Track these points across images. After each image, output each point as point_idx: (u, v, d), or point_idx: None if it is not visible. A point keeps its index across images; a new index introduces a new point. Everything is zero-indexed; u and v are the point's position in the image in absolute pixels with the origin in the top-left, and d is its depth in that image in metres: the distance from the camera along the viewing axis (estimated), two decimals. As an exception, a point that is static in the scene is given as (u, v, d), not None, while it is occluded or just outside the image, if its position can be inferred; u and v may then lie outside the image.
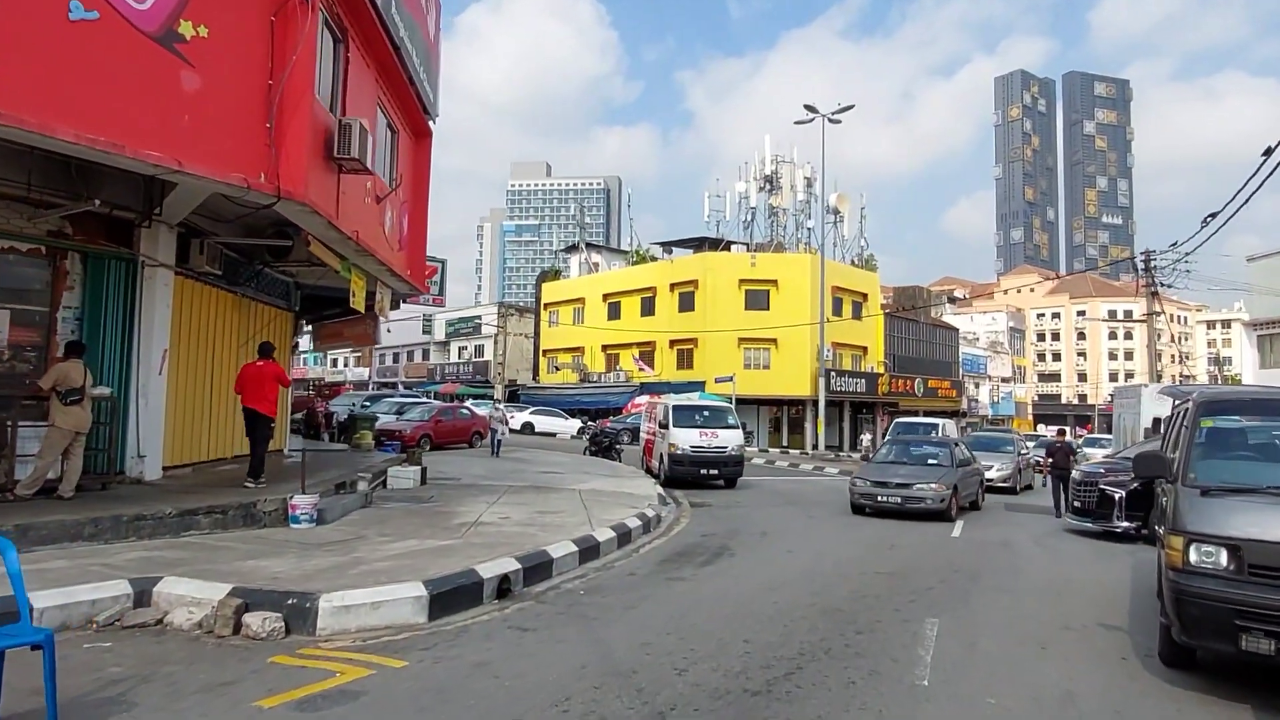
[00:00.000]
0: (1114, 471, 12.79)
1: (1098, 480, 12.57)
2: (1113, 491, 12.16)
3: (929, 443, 16.33)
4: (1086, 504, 12.56)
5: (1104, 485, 12.36)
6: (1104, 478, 12.58)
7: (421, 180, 16.47)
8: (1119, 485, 12.16)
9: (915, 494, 13.24)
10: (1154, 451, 5.71)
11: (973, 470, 15.54)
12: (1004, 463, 19.59)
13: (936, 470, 14.10)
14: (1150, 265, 25.40)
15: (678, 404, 18.98)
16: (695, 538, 10.91)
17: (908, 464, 14.66)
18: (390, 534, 8.88)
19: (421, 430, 24.38)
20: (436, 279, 18.07)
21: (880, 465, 14.98)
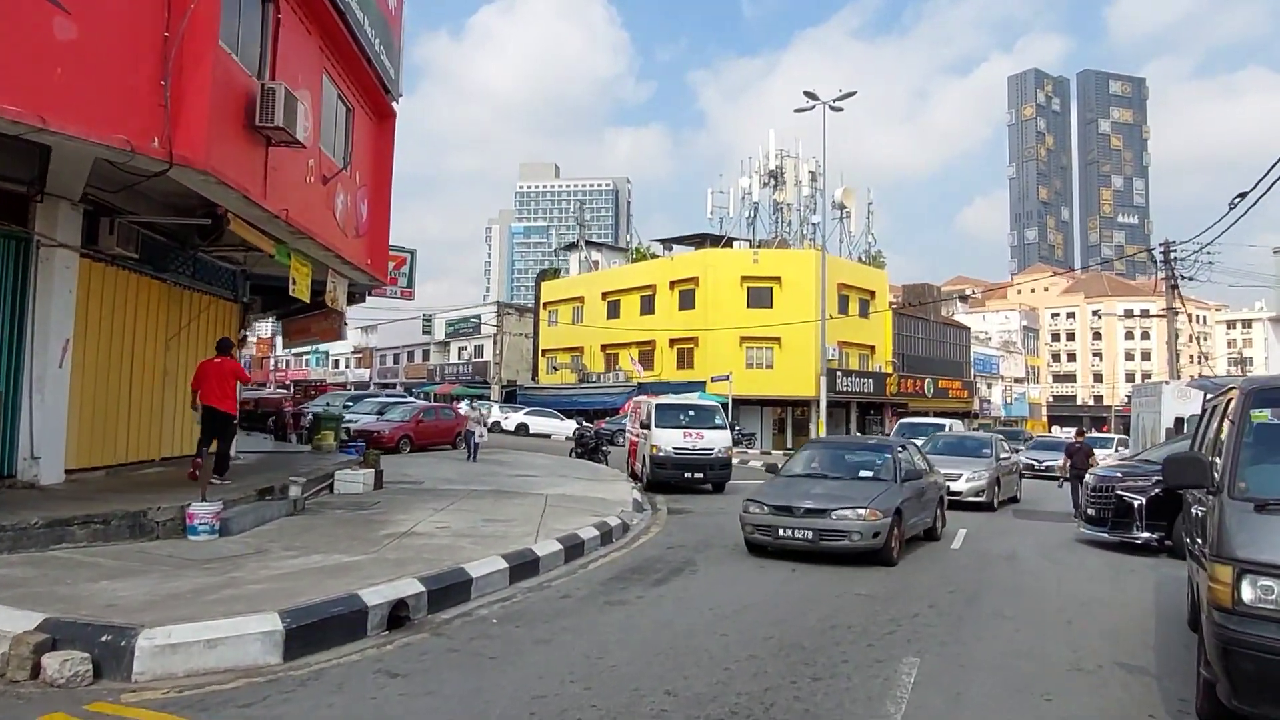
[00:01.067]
0: (1132, 476, 11.46)
1: (1114, 485, 11.23)
2: (1131, 498, 10.84)
3: (863, 447, 12.06)
4: (1102, 512, 11.23)
5: (1121, 491, 11.04)
6: (1121, 482, 11.25)
7: (384, 164, 15.37)
8: (1138, 491, 10.84)
9: (834, 525, 8.64)
10: (1189, 454, 4.45)
11: (928, 485, 11.00)
12: (976, 471, 15.03)
13: (869, 488, 9.42)
14: (1170, 257, 24.00)
15: (661, 403, 17.79)
16: (659, 550, 9.72)
17: (831, 478, 10.10)
18: (298, 548, 7.73)
19: (401, 431, 23.31)
20: (405, 270, 16.98)
21: (789, 482, 10.16)
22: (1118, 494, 11.08)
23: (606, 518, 10.82)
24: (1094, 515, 11.43)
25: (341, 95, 13.27)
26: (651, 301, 45.42)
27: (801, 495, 9.26)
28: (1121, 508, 10.95)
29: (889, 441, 11.94)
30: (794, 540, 8.89)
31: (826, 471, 10.47)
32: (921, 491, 10.48)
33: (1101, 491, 11.39)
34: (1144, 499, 10.69)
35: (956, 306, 67.81)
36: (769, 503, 9.26)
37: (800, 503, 9.04)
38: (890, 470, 10.08)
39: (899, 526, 9.15)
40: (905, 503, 9.40)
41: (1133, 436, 22.47)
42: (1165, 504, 10.34)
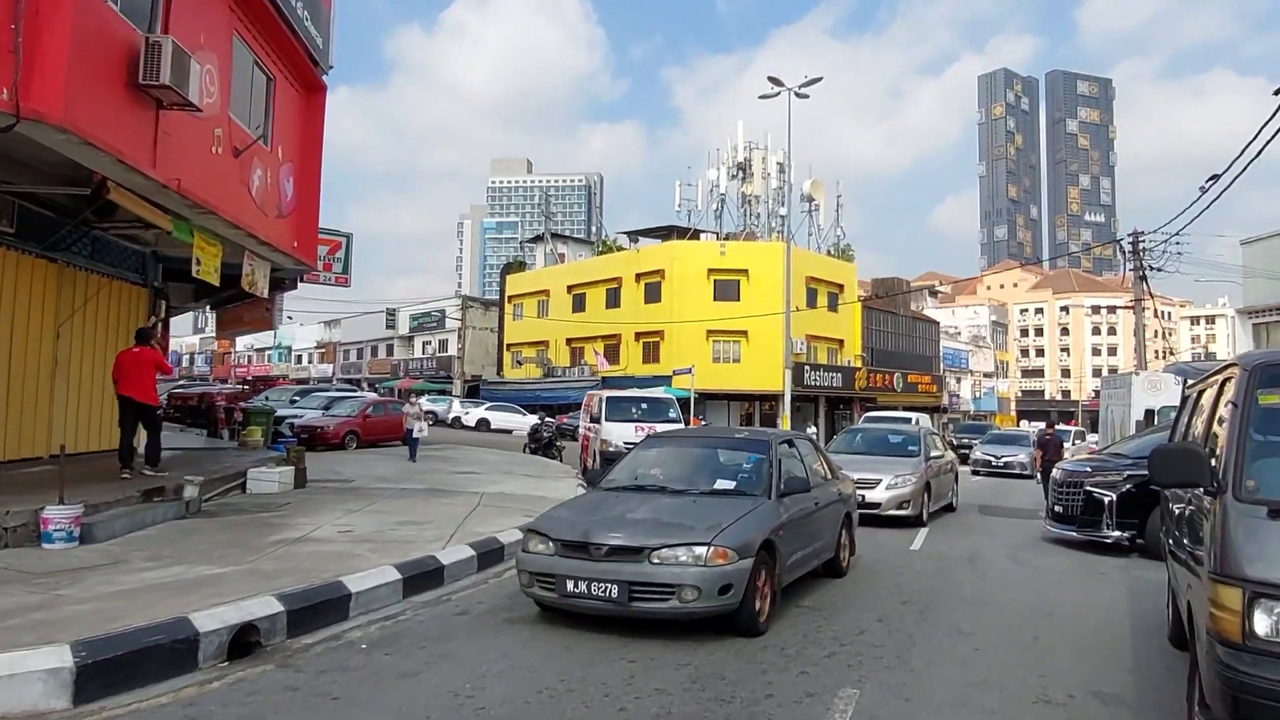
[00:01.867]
0: (1102, 470, 10.75)
1: (1083, 481, 10.48)
2: (1101, 494, 10.12)
3: (727, 442, 8.08)
4: (1069, 509, 10.49)
5: (1090, 487, 10.32)
6: (1090, 478, 10.52)
7: (313, 140, 14.28)
8: (1108, 486, 10.12)
9: (654, 576, 5.37)
10: (1182, 446, 3.60)
11: (825, 500, 7.45)
12: (900, 475, 11.58)
13: (721, 509, 5.99)
14: (1139, 247, 23.55)
15: (612, 396, 16.94)
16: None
17: (670, 492, 6.56)
18: (164, 558, 6.74)
19: (347, 427, 22.20)
20: (341, 255, 15.89)
21: (602, 499, 6.63)
22: (1086, 490, 10.35)
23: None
24: (1061, 513, 10.69)
25: (259, 62, 12.20)
26: (617, 295, 44.51)
27: (610, 522, 5.72)
28: (1090, 504, 10.23)
29: (764, 435, 7.69)
30: (589, 600, 5.40)
31: (668, 481, 6.80)
32: (811, 511, 6.86)
33: (1069, 487, 10.66)
34: (1115, 495, 9.99)
35: (926, 301, 67.69)
36: (556, 535, 5.67)
37: (604, 536, 5.49)
38: (761, 479, 6.56)
39: (770, 572, 5.78)
40: (782, 531, 6.06)
41: (1101, 430, 21.97)
42: (1137, 500, 9.73)
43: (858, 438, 14.23)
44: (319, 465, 15.85)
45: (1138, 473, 9.80)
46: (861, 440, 13.97)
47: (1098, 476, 10.50)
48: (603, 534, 5.51)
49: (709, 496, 6.38)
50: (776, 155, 44.21)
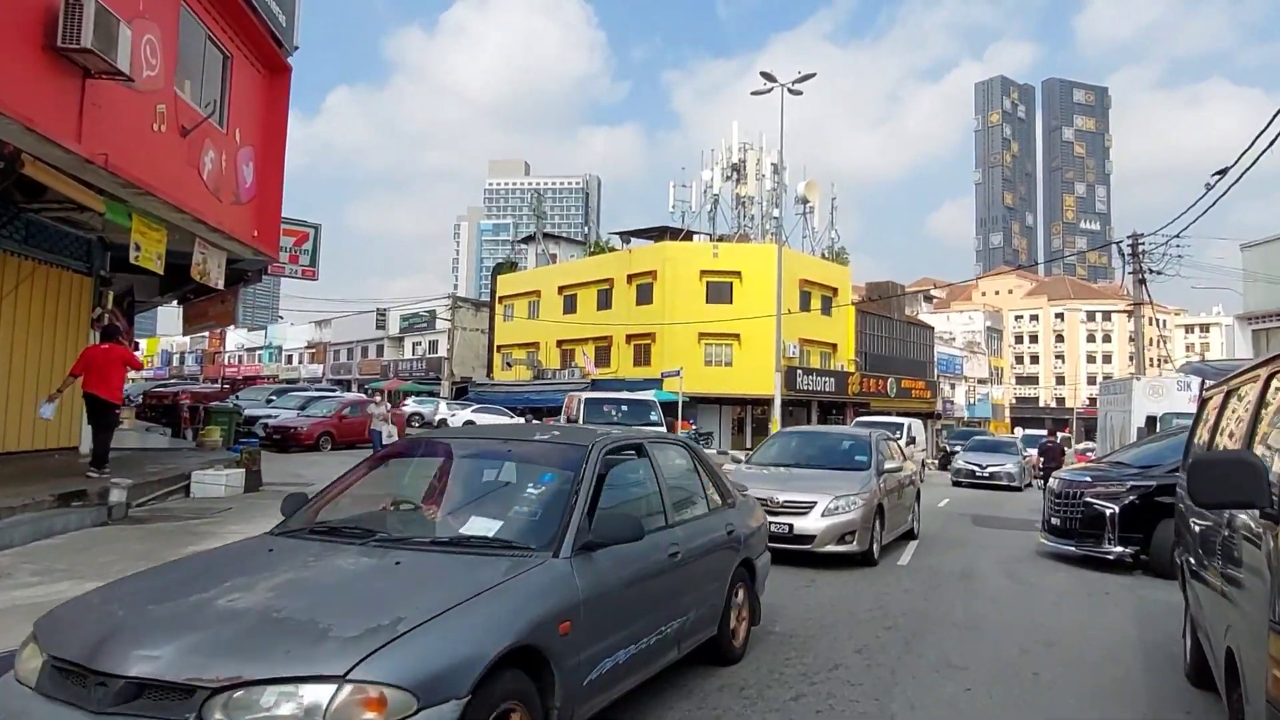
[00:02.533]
0: (1103, 480, 10.00)
1: (1083, 491, 9.73)
2: (1103, 507, 9.37)
3: (525, 449, 4.32)
4: (1068, 522, 9.75)
5: (1091, 498, 9.58)
6: (1090, 488, 9.78)
7: (276, 125, 13.54)
8: (1110, 498, 9.38)
9: None
10: (1234, 456, 2.78)
11: (696, 549, 4.47)
12: (843, 496, 8.60)
13: (439, 583, 3.01)
14: (1138, 249, 22.92)
15: (591, 397, 16.23)
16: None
17: (357, 547, 3.47)
18: (56, 571, 6.01)
19: (321, 427, 21.49)
20: (308, 247, 15.08)
21: (234, 559, 3.59)
22: (1086, 501, 9.60)
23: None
24: (1059, 525, 9.93)
25: (214, 38, 11.49)
26: (609, 296, 43.80)
27: (173, 618, 2.76)
28: (1090, 517, 9.47)
29: (583, 439, 4.18)
30: None
31: (374, 522, 3.99)
32: (660, 568, 4.06)
33: (1067, 499, 9.88)
34: (1117, 507, 9.23)
35: (921, 306, 67.13)
36: (53, 643, 2.72)
37: (125, 653, 2.52)
38: (548, 521, 3.62)
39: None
40: (573, 622, 3.22)
41: (1100, 437, 21.25)
42: (1141, 513, 9.04)
43: (792, 443, 10.91)
44: (284, 468, 15.14)
45: (1142, 483, 9.26)
46: (796, 446, 10.62)
47: (1099, 487, 9.73)
48: (128, 647, 2.54)
49: (433, 553, 3.40)
50: (771, 156, 43.57)
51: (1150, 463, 9.78)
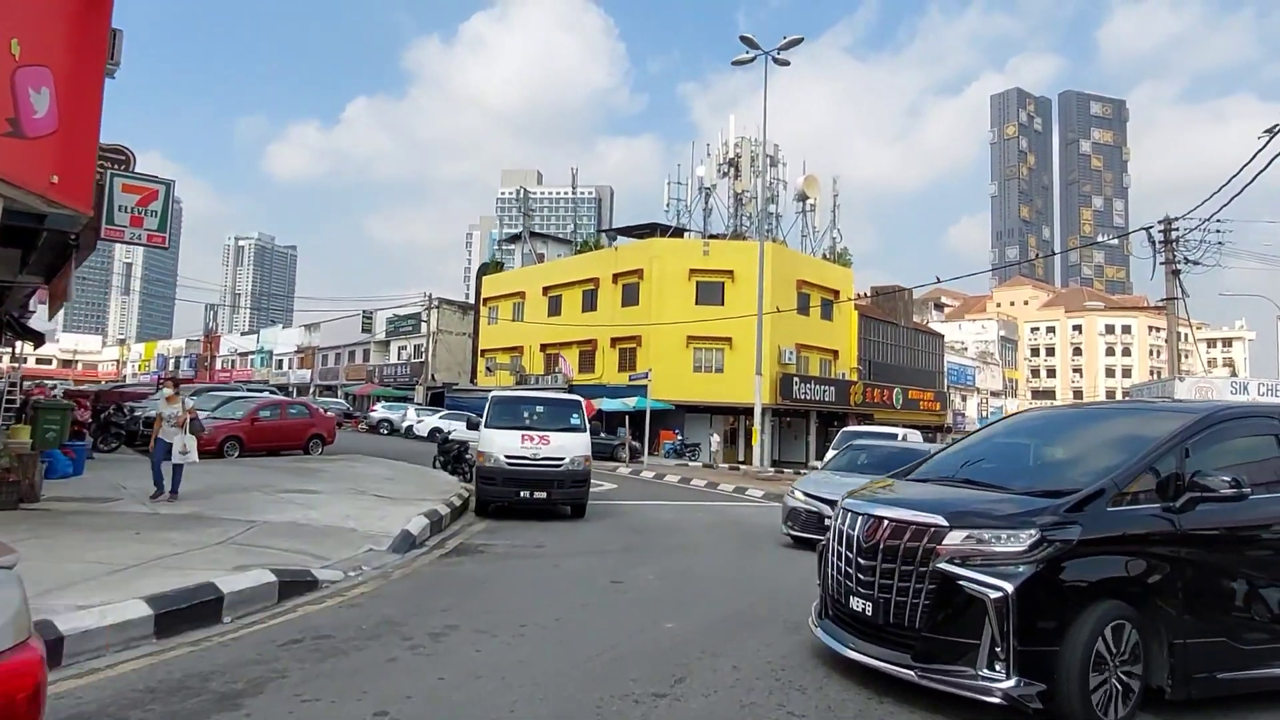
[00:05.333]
0: (974, 517, 6.05)
1: (934, 549, 5.15)
2: (979, 586, 5.62)
3: None
4: (892, 611, 5.30)
5: (951, 565, 4.94)
6: (945, 538, 5.21)
7: (93, 45, 10.74)
8: (994, 566, 5.85)
9: None
10: None
11: None
12: None
13: None
14: (1171, 237, 19.90)
15: (501, 395, 13.42)
16: (247, 654, 5.22)
17: None
18: None
19: (227, 431, 18.84)
20: (156, 208, 12.39)
21: None
22: (942, 572, 4.33)
23: (224, 577, 6.35)
24: (866, 615, 4.65)
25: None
26: (594, 297, 41.06)
27: None
28: (950, 606, 4.28)
29: None
30: None
31: None
32: None
33: (891, 558, 4.58)
34: (1011, 588, 4.06)
35: (931, 314, 64.00)
36: None
37: None
38: None
39: None
40: None
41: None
42: (1057, 597, 4.15)
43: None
44: (127, 476, 12.41)
45: (1058, 524, 4.22)
46: None
47: (962, 534, 4.37)
48: None
49: None
50: (767, 149, 40.74)
51: (1055, 477, 4.95)
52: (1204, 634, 4.32)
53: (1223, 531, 4.53)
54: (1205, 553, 4.43)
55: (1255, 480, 4.58)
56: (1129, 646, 4.12)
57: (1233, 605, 4.51)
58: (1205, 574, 4.41)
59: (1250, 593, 4.54)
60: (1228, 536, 4.56)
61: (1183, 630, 4.25)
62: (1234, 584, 4.53)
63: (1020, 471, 5.25)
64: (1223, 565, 4.50)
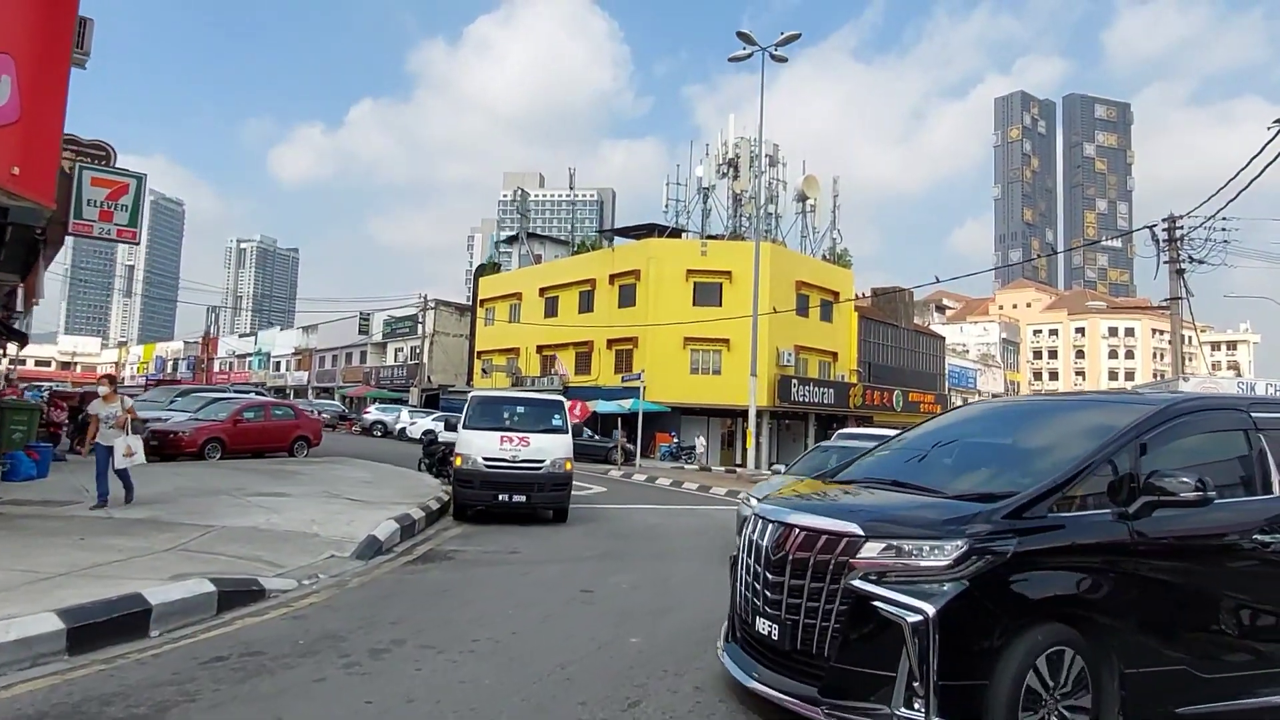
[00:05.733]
0: (894, 524, 5.22)
1: (847, 561, 4.50)
2: (896, 609, 4.91)
3: None
4: (799, 637, 3.96)
5: (869, 583, 4.32)
6: (861, 549, 4.20)
7: (58, 32, 10.47)
8: (913, 582, 4.83)
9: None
10: None
11: None
12: None
13: None
14: (1175, 234, 19.45)
15: (483, 395, 13.02)
16: (151, 675, 4.82)
17: None
18: None
19: (208, 433, 18.44)
20: (127, 202, 11.96)
21: None
22: (855, 591, 3.62)
23: (180, 583, 5.97)
24: (773, 640, 3.95)
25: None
26: (590, 298, 40.66)
27: None
28: (862, 632, 3.59)
29: None
30: None
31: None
32: None
33: (799, 572, 3.88)
34: (932, 610, 3.37)
35: (932, 317, 63.54)
36: None
37: None
38: None
39: None
40: None
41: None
42: (986, 621, 3.48)
43: None
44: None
45: (994, 533, 3.59)
46: None
47: (878, 546, 3.70)
48: None
49: None
50: (766, 149, 40.35)
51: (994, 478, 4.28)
52: (1162, 661, 3.73)
53: (1184, 541, 3.91)
54: (1164, 566, 3.83)
55: (1222, 481, 4.02)
56: (1072, 678, 3.52)
57: (1196, 628, 3.89)
58: (1164, 591, 3.80)
59: (1216, 613, 3.94)
60: (1190, 546, 3.94)
61: (1137, 657, 3.66)
62: (1197, 603, 3.92)
63: (958, 471, 4.52)
64: (1184, 581, 3.88)
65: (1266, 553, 4.03)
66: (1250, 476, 4.22)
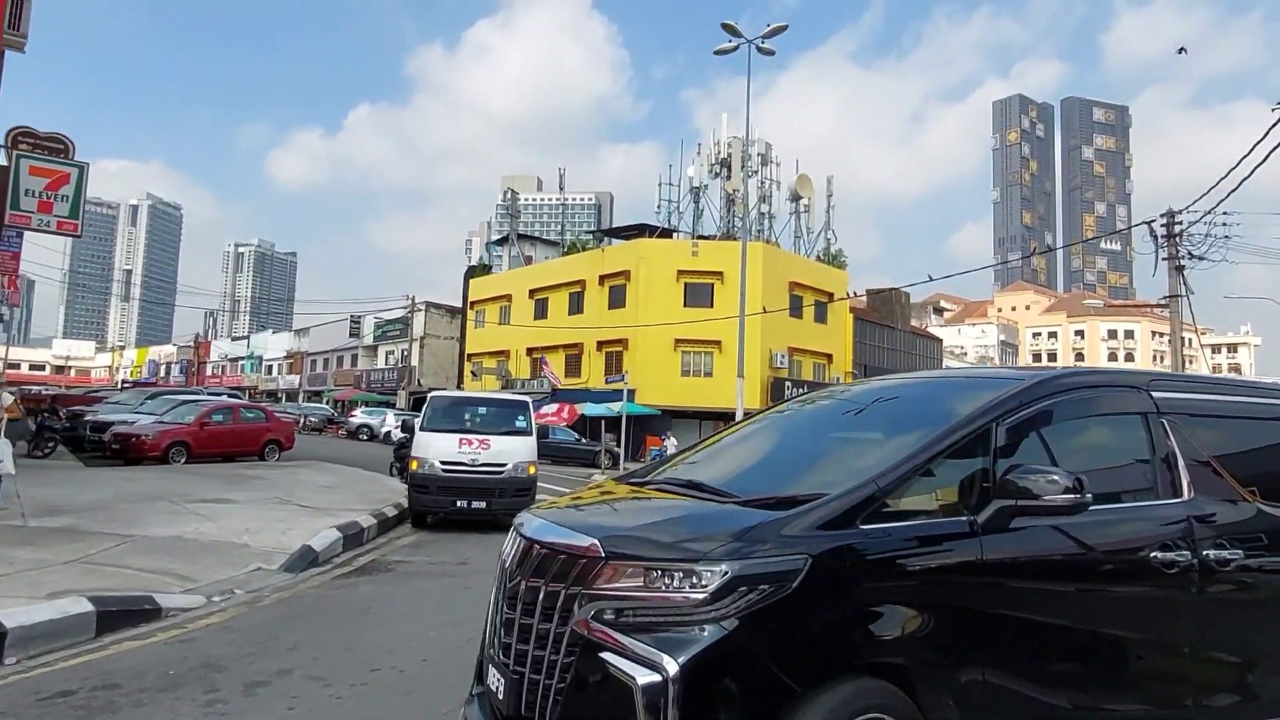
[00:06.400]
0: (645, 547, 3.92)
1: (582, 596, 2.98)
2: (626, 668, 3.83)
3: None
4: (522, 696, 3.17)
5: (614, 635, 2.68)
6: (604, 566, 2.52)
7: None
8: (650, 633, 3.54)
9: None
10: None
11: None
12: None
13: None
14: (1174, 230, 18.82)
15: (443, 396, 12.35)
16: None
17: None
18: None
19: (172, 436, 17.79)
20: (68, 193, 11.29)
21: None
22: (578, 632, 2.57)
23: (50, 604, 5.31)
24: (491, 694, 2.93)
25: None
26: (580, 299, 40.04)
27: None
28: (590, 688, 2.51)
29: None
30: None
31: None
32: None
33: (519, 602, 2.85)
34: (674, 668, 2.32)
35: (930, 319, 62.96)
36: None
37: None
38: None
39: None
40: None
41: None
42: (754, 694, 2.40)
43: None
44: (37, 484, 11.34)
45: (781, 550, 2.51)
46: None
47: (627, 568, 2.56)
48: None
49: None
50: (759, 147, 39.76)
51: (805, 478, 3.24)
52: None
53: (1053, 561, 2.86)
54: (1025, 595, 2.79)
55: (1110, 482, 3.10)
56: None
57: (1070, 681, 2.85)
58: (1025, 631, 2.78)
59: (1099, 659, 2.92)
60: (1061, 568, 2.89)
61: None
62: (1072, 646, 2.87)
63: (772, 469, 3.47)
64: (1054, 616, 2.84)
65: (1168, 577, 2.95)
66: (1150, 474, 3.16)
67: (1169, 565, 2.97)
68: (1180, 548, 2.99)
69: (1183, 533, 3.03)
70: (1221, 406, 3.56)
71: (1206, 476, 3.20)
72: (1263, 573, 3.18)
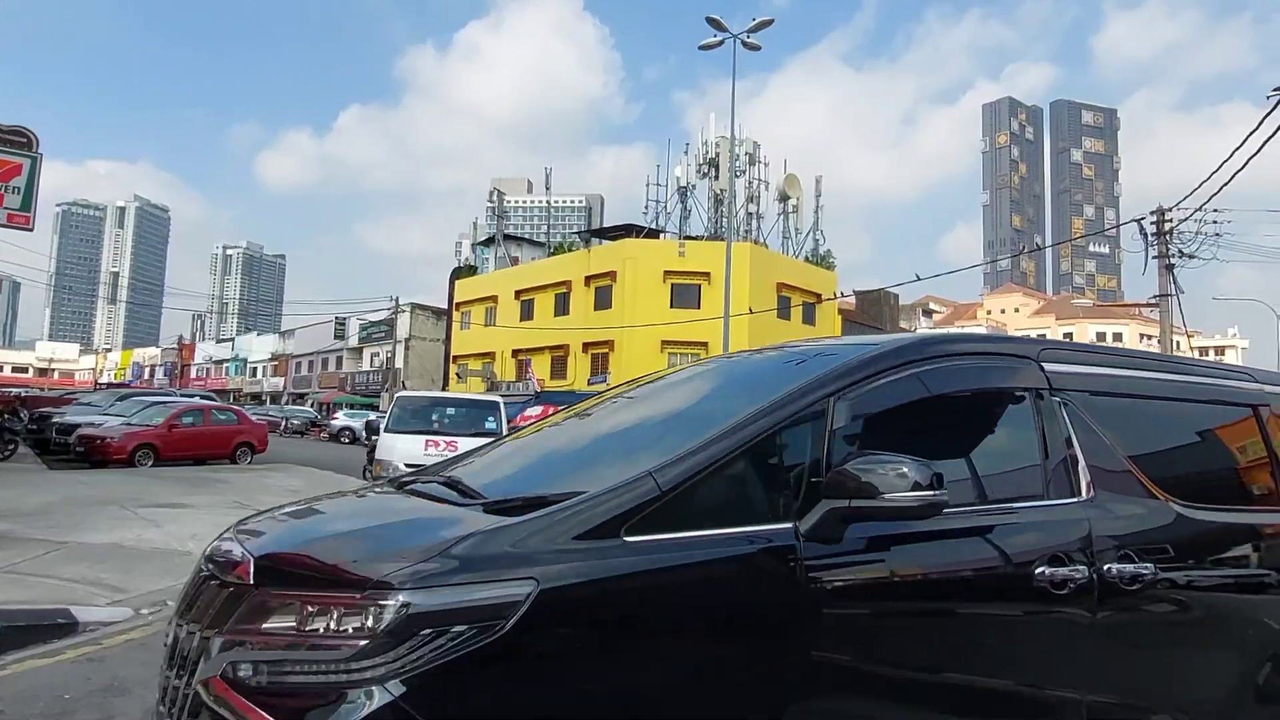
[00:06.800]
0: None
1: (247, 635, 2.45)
2: None
3: None
4: None
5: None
6: None
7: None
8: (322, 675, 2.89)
9: None
10: None
11: None
12: None
13: None
14: (1164, 228, 18.58)
15: (410, 396, 11.96)
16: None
17: None
18: None
19: (139, 439, 17.29)
20: (19, 184, 10.86)
21: None
22: (199, 693, 1.84)
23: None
24: None
25: None
26: (566, 300, 39.66)
27: None
28: None
29: None
30: None
31: None
32: None
33: (174, 646, 2.08)
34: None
35: (920, 322, 62.84)
36: None
37: None
38: None
39: None
40: None
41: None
42: None
43: None
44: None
45: (497, 574, 1.75)
46: None
47: (278, 601, 1.83)
48: None
49: None
50: (747, 146, 39.48)
51: (581, 472, 2.48)
52: None
53: (896, 583, 2.16)
54: (855, 633, 2.07)
55: (983, 478, 2.39)
56: None
57: None
58: (858, 684, 2.08)
59: (963, 716, 2.21)
60: (909, 591, 2.19)
61: None
62: (925, 698, 2.17)
63: (555, 463, 2.71)
64: (896, 662, 2.13)
65: (1059, 598, 2.25)
66: (1038, 468, 2.43)
67: (1059, 584, 2.24)
68: (1075, 561, 2.28)
69: (1079, 542, 2.32)
70: (1134, 384, 2.78)
71: (1112, 472, 2.51)
72: (1180, 591, 2.50)
